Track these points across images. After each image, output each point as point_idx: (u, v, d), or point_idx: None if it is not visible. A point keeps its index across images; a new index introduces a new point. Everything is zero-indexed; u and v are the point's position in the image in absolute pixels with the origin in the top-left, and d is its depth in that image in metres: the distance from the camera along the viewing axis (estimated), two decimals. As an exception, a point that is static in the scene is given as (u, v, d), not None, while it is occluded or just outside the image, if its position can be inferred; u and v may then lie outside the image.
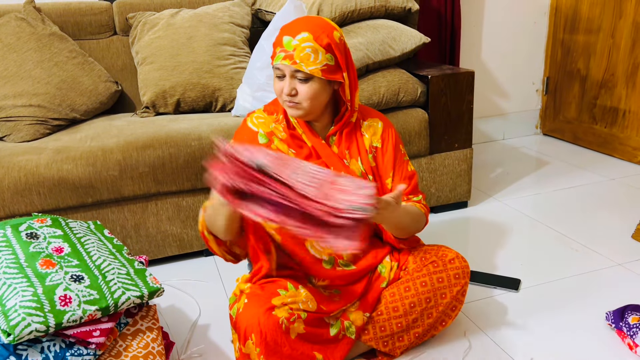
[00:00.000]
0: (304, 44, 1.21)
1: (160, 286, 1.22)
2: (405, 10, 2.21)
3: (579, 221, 2.12)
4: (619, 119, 2.76)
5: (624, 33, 2.66)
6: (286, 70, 1.23)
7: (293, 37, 1.22)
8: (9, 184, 1.66)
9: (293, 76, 1.24)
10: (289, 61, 1.21)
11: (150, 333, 1.23)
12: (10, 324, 1.01)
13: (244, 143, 1.31)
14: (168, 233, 1.87)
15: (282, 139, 1.33)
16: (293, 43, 1.21)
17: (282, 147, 1.31)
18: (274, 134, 1.33)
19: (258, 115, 1.37)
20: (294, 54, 1.21)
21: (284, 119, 1.34)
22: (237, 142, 1.34)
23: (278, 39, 1.25)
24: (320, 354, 1.28)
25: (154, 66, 2.09)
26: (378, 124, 1.40)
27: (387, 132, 1.40)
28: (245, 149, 1.03)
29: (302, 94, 1.24)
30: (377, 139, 1.38)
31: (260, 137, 1.33)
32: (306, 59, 1.21)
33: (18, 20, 2.03)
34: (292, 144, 1.32)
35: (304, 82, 1.24)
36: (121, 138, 1.80)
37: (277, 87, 1.27)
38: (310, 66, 1.21)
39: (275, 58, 1.24)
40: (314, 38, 1.22)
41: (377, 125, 1.39)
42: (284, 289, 1.29)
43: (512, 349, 1.42)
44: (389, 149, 1.38)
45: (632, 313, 1.41)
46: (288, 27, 1.26)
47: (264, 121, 1.35)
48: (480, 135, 3.14)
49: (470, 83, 2.11)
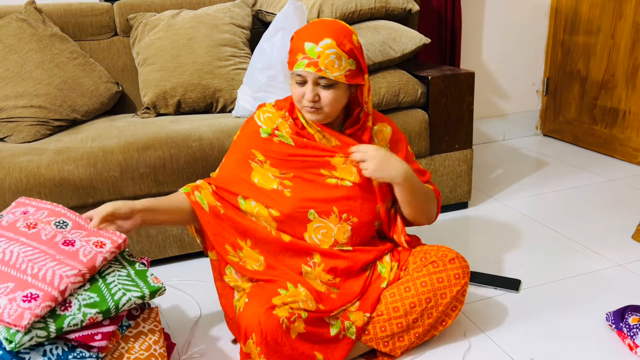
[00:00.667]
0: (328, 51, 1.20)
1: (162, 285, 1.22)
2: (405, 11, 2.21)
3: (579, 222, 2.12)
4: (619, 119, 2.77)
5: (624, 34, 2.66)
6: (309, 77, 1.23)
7: (316, 44, 1.20)
8: (10, 184, 1.66)
9: (316, 82, 1.24)
10: (313, 68, 1.20)
11: (152, 335, 1.23)
12: (11, 331, 1.01)
13: (245, 136, 1.40)
14: (169, 234, 1.87)
15: (288, 133, 1.35)
16: (317, 50, 1.20)
17: (287, 140, 1.35)
18: (278, 129, 1.36)
19: (267, 110, 1.39)
20: (319, 61, 1.20)
21: (290, 116, 1.36)
22: (241, 135, 1.41)
23: (298, 44, 1.24)
24: (321, 354, 1.28)
25: (155, 67, 2.09)
26: (387, 129, 1.43)
27: (396, 136, 1.43)
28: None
29: (325, 99, 1.25)
30: (387, 143, 1.41)
31: (262, 132, 1.37)
32: (331, 65, 1.20)
33: (19, 21, 2.03)
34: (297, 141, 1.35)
35: (327, 88, 1.24)
36: (122, 139, 1.80)
37: (297, 92, 1.27)
38: (334, 72, 1.21)
39: (297, 65, 1.22)
40: (337, 44, 1.21)
41: (387, 130, 1.43)
42: (284, 288, 1.29)
43: (512, 349, 1.42)
44: (398, 153, 1.41)
45: (633, 314, 1.41)
46: (307, 32, 1.24)
47: (271, 116, 1.38)
48: (481, 136, 3.15)
49: (471, 84, 2.11)
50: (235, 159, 1.40)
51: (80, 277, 1.11)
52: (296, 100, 1.29)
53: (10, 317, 1.00)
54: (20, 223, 1.20)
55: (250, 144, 1.38)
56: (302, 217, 1.34)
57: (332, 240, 1.36)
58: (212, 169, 1.82)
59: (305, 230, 1.36)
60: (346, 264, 1.37)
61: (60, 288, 1.06)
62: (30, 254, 1.11)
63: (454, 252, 1.40)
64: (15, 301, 1.02)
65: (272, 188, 1.35)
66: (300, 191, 1.34)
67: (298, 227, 1.35)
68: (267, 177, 1.35)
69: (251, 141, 1.38)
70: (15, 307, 1.01)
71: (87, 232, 1.24)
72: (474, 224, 2.18)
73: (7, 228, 1.18)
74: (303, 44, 1.23)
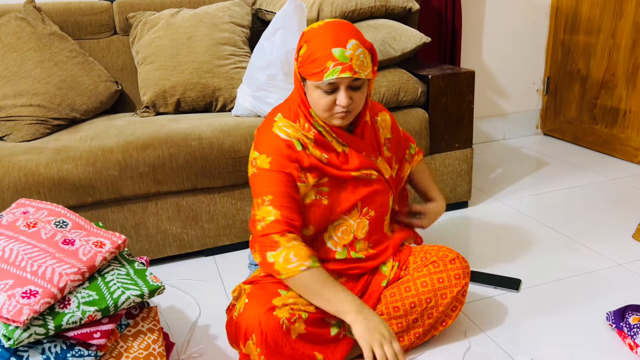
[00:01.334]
0: (357, 52, 1.17)
1: (161, 284, 1.22)
2: (405, 10, 2.20)
3: (580, 221, 2.11)
4: (619, 119, 2.76)
5: (625, 33, 2.65)
6: (343, 83, 1.18)
7: (344, 47, 1.16)
8: (9, 183, 1.66)
9: (349, 86, 1.20)
10: (349, 73, 1.16)
11: (151, 334, 1.22)
12: (10, 328, 1.00)
13: (284, 154, 1.24)
14: (168, 233, 1.87)
15: (314, 146, 1.28)
16: (347, 53, 1.16)
17: (316, 153, 1.28)
18: (305, 141, 1.28)
19: (284, 124, 1.28)
20: (352, 65, 1.16)
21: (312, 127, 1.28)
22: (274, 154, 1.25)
23: (322, 52, 1.16)
24: (321, 354, 1.28)
25: (154, 66, 2.09)
26: (387, 117, 1.45)
27: (394, 122, 1.47)
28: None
29: (357, 101, 1.22)
30: (389, 131, 1.43)
31: (297, 145, 1.26)
32: (362, 65, 1.18)
33: (18, 19, 2.03)
34: (324, 150, 1.30)
35: (357, 90, 1.21)
36: (121, 138, 1.80)
37: (326, 101, 1.20)
38: (365, 71, 1.19)
39: (330, 73, 1.15)
40: (360, 43, 1.19)
41: (387, 118, 1.44)
42: (284, 289, 1.29)
43: (512, 349, 1.42)
44: (396, 137, 1.45)
45: (633, 313, 1.41)
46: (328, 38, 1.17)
47: (293, 129, 1.27)
48: (481, 135, 3.14)
49: (471, 83, 2.11)
50: (287, 186, 1.24)
51: (80, 275, 1.11)
52: (323, 109, 1.22)
53: (9, 312, 1.00)
54: (20, 222, 1.19)
55: (293, 162, 1.25)
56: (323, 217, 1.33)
57: (351, 237, 1.35)
58: (211, 168, 1.82)
59: (326, 232, 1.34)
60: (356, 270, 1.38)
61: (59, 285, 1.06)
62: (30, 252, 1.11)
63: (454, 253, 1.39)
64: (15, 297, 1.02)
65: (312, 200, 1.29)
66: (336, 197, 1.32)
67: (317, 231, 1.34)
68: (309, 191, 1.29)
69: (292, 158, 1.25)
70: (14, 303, 1.01)
71: (87, 232, 1.23)
72: (474, 224, 2.17)
73: (7, 227, 1.18)
74: (330, 51, 1.16)
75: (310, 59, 1.18)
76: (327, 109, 1.22)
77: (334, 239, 1.34)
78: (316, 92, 1.21)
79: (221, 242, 1.95)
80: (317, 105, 1.23)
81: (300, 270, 1.18)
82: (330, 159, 1.30)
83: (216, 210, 1.90)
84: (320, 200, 1.30)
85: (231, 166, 1.84)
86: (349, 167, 1.32)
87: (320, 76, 1.17)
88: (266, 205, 1.23)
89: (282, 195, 1.23)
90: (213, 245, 1.95)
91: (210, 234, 1.92)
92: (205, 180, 1.84)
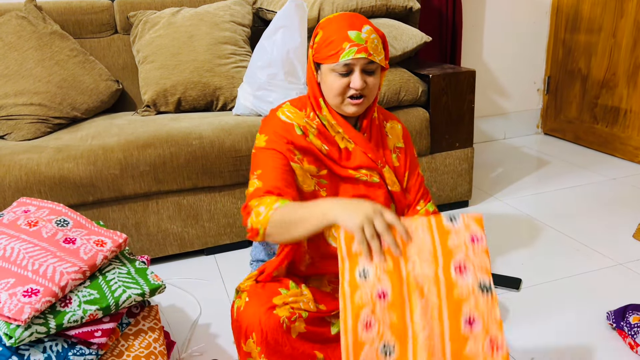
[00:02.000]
0: (371, 36, 1.20)
1: (162, 283, 1.22)
2: (406, 9, 2.20)
3: (580, 221, 2.11)
4: (620, 118, 2.76)
5: (625, 32, 2.65)
6: (357, 65, 1.20)
7: (360, 31, 1.19)
8: (10, 182, 1.66)
9: (363, 69, 1.22)
10: (364, 54, 1.18)
11: (152, 333, 1.23)
12: (11, 327, 1.01)
13: (279, 134, 1.25)
14: (169, 232, 1.87)
15: (315, 135, 1.29)
16: (362, 36, 1.19)
17: (316, 142, 1.29)
18: (307, 128, 1.29)
19: (289, 109, 1.31)
20: (367, 47, 1.19)
21: (316, 116, 1.29)
22: (271, 133, 1.27)
23: (339, 34, 1.20)
24: (321, 353, 1.28)
25: (155, 65, 2.09)
26: (398, 126, 1.43)
27: (407, 134, 1.44)
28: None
29: (371, 85, 1.23)
30: (400, 140, 1.41)
31: (297, 129, 1.27)
32: (376, 49, 1.20)
33: (19, 18, 2.03)
34: (325, 141, 1.30)
35: (371, 75, 1.23)
36: (122, 137, 1.80)
37: (340, 83, 1.22)
38: (379, 56, 1.21)
39: (346, 53, 1.18)
40: (374, 30, 1.22)
41: (398, 127, 1.43)
42: (285, 287, 1.29)
43: (513, 348, 1.42)
44: (409, 150, 1.42)
45: (633, 313, 1.41)
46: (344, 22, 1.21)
47: (296, 115, 1.30)
48: (481, 135, 3.14)
49: (472, 82, 2.11)
50: (278, 162, 1.25)
51: (81, 274, 1.11)
52: (337, 93, 1.23)
53: (10, 311, 1.00)
54: (22, 221, 1.19)
55: (288, 143, 1.26)
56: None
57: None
58: (212, 167, 1.82)
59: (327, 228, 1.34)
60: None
61: (60, 284, 1.06)
62: (31, 251, 1.11)
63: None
64: (16, 296, 1.02)
65: (311, 190, 1.29)
66: (334, 191, 1.32)
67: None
68: (307, 178, 1.29)
69: (287, 138, 1.26)
70: (16, 301, 1.01)
71: (88, 231, 1.23)
72: (475, 223, 2.17)
73: (8, 226, 1.18)
74: (346, 33, 1.19)
75: (327, 42, 1.21)
76: (341, 92, 1.23)
77: (334, 236, 1.34)
78: (331, 76, 1.23)
79: (222, 241, 1.95)
80: (331, 89, 1.24)
81: (270, 215, 1.14)
82: (330, 152, 1.30)
83: (217, 209, 1.90)
84: (319, 191, 1.30)
85: (232, 165, 1.84)
86: (348, 165, 1.31)
87: (336, 57, 1.20)
88: (253, 179, 1.24)
89: (271, 171, 1.23)
90: (214, 244, 1.95)
91: (211, 233, 1.92)
92: (206, 179, 1.84)
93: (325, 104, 1.29)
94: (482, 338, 0.97)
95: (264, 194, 1.19)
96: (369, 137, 1.34)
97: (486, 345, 0.96)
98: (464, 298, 1.00)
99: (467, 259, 1.04)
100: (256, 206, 1.18)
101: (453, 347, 0.96)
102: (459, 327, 0.98)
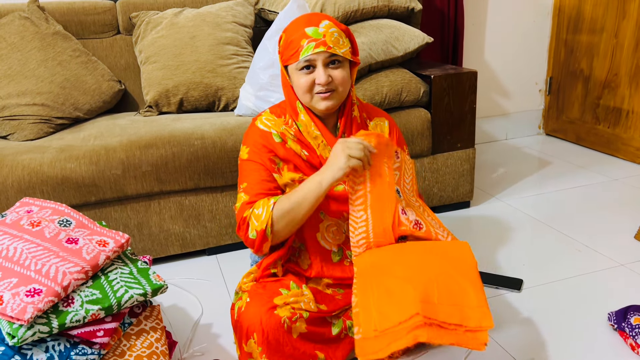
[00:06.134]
0: (331, 30, 1.21)
1: (164, 283, 1.23)
2: (408, 10, 2.20)
3: (582, 221, 2.11)
4: (622, 119, 2.76)
5: (628, 33, 2.65)
6: (319, 59, 1.21)
7: (317, 26, 1.20)
8: (13, 182, 1.66)
9: (325, 64, 1.22)
10: (323, 47, 1.19)
11: (154, 333, 1.23)
12: (14, 326, 1.01)
13: (259, 144, 1.29)
14: (171, 232, 1.88)
15: (294, 141, 1.31)
16: (320, 31, 1.20)
17: (296, 147, 1.30)
18: (285, 135, 1.31)
19: (267, 117, 1.33)
20: (326, 40, 1.19)
21: (294, 122, 1.31)
22: (252, 145, 1.30)
23: (296, 34, 1.22)
24: (322, 354, 1.28)
25: (157, 65, 2.09)
26: (384, 123, 1.41)
27: (394, 131, 1.42)
28: None
29: (338, 78, 1.23)
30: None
31: (275, 137, 1.30)
32: (337, 43, 1.21)
33: (22, 19, 2.04)
34: (304, 146, 1.31)
35: (336, 68, 1.23)
36: (124, 137, 1.80)
37: (305, 81, 1.23)
38: (341, 49, 1.21)
39: (304, 51, 1.20)
40: (335, 24, 1.22)
41: (384, 125, 1.41)
42: (286, 288, 1.29)
43: (514, 348, 1.42)
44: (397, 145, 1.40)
45: (635, 314, 1.41)
46: (302, 21, 1.23)
47: (275, 122, 1.32)
48: (483, 135, 3.14)
49: (473, 83, 2.11)
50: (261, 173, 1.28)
51: (83, 274, 1.11)
52: (305, 90, 1.25)
53: (13, 311, 1.00)
54: (24, 221, 1.20)
55: (268, 152, 1.29)
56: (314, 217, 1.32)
57: (343, 237, 1.35)
58: (214, 167, 1.83)
59: (318, 231, 1.34)
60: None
61: (63, 284, 1.07)
62: (34, 251, 1.12)
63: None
64: (19, 296, 1.02)
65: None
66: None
67: (309, 230, 1.34)
68: (289, 184, 1.31)
69: (267, 148, 1.29)
70: (19, 301, 1.02)
71: (91, 231, 1.24)
72: (476, 223, 2.17)
73: (11, 226, 1.19)
74: (303, 30, 1.21)
75: (287, 43, 1.24)
76: (308, 89, 1.24)
77: (327, 239, 1.35)
78: (297, 75, 1.25)
79: (223, 241, 1.95)
80: (298, 88, 1.26)
81: (271, 210, 1.21)
82: (310, 157, 1.31)
83: (218, 210, 1.90)
84: None
85: (234, 165, 1.84)
86: None
87: (297, 56, 1.21)
88: (240, 193, 1.29)
89: (256, 183, 1.28)
90: (215, 244, 1.95)
91: (213, 233, 1.93)
92: (208, 180, 1.84)
93: (302, 107, 1.30)
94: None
95: (252, 201, 1.25)
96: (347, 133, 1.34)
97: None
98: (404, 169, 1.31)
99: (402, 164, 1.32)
100: (252, 213, 1.24)
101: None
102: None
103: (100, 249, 1.18)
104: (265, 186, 1.27)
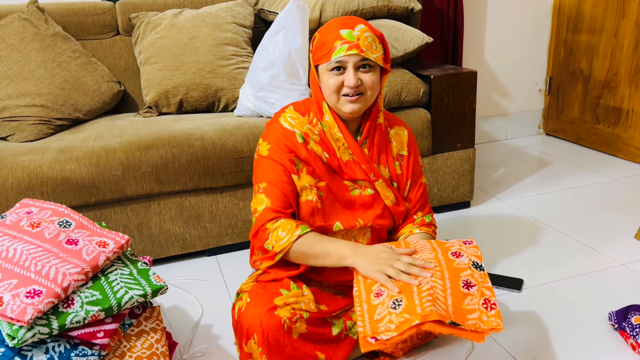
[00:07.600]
0: (365, 34, 1.20)
1: (164, 284, 1.22)
2: (407, 10, 2.20)
3: (582, 221, 2.11)
4: (622, 119, 2.76)
5: (627, 33, 2.65)
6: (350, 62, 1.21)
7: (352, 29, 1.20)
8: (13, 183, 1.66)
9: (357, 67, 1.22)
10: (356, 50, 1.19)
11: (154, 334, 1.23)
12: (14, 327, 1.01)
13: (282, 143, 1.28)
14: (171, 233, 1.87)
15: (317, 141, 1.30)
16: (355, 34, 1.20)
17: (317, 149, 1.30)
18: (308, 135, 1.30)
19: (291, 115, 1.32)
20: (359, 44, 1.19)
21: (319, 122, 1.31)
22: (273, 142, 1.29)
23: (331, 34, 1.21)
24: (323, 354, 1.28)
25: (157, 66, 2.09)
26: (404, 132, 1.42)
27: (413, 140, 1.43)
28: None
29: (367, 82, 1.23)
30: (404, 147, 1.41)
31: (298, 137, 1.29)
32: (370, 47, 1.20)
33: (21, 20, 2.04)
34: (326, 149, 1.31)
35: (366, 72, 1.23)
36: (124, 138, 1.80)
37: (334, 82, 1.22)
38: (374, 54, 1.21)
39: (337, 51, 1.20)
40: (370, 29, 1.22)
41: (403, 134, 1.42)
42: (286, 288, 1.29)
43: (515, 349, 1.42)
44: (412, 158, 1.41)
45: (635, 313, 1.41)
46: (338, 23, 1.23)
47: (299, 121, 1.31)
48: (483, 135, 3.14)
49: (473, 83, 2.11)
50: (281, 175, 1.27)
51: (83, 275, 1.11)
52: (332, 91, 1.24)
53: (13, 312, 1.00)
54: (24, 222, 1.20)
55: (289, 152, 1.28)
56: (327, 228, 1.32)
57: (352, 241, 1.35)
58: (213, 168, 1.82)
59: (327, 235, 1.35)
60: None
61: (63, 285, 1.07)
62: (34, 252, 1.11)
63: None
64: (19, 297, 1.02)
65: (308, 199, 1.30)
66: (329, 205, 1.32)
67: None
68: (305, 189, 1.30)
69: (289, 148, 1.28)
70: (19, 302, 1.01)
71: (90, 232, 1.24)
72: (476, 224, 2.17)
73: (10, 227, 1.18)
74: (338, 32, 1.21)
75: (321, 43, 1.23)
76: (336, 90, 1.24)
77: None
78: (326, 76, 1.24)
79: (224, 241, 1.95)
80: (326, 88, 1.25)
81: (292, 241, 1.22)
82: (330, 160, 1.30)
83: (219, 210, 1.90)
84: (315, 203, 1.30)
85: (234, 166, 1.84)
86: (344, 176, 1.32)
87: (329, 56, 1.21)
88: (260, 193, 1.28)
89: (276, 184, 1.27)
90: (215, 245, 1.95)
91: (213, 234, 1.93)
92: (208, 180, 1.84)
93: (328, 108, 1.29)
94: (478, 297, 1.12)
95: (275, 214, 1.24)
96: (371, 142, 1.34)
97: (481, 303, 1.11)
98: (461, 268, 1.17)
99: (462, 250, 1.22)
100: (275, 229, 1.23)
101: (454, 300, 1.10)
102: (458, 286, 1.13)
103: (100, 250, 1.18)
104: (285, 189, 1.26)
